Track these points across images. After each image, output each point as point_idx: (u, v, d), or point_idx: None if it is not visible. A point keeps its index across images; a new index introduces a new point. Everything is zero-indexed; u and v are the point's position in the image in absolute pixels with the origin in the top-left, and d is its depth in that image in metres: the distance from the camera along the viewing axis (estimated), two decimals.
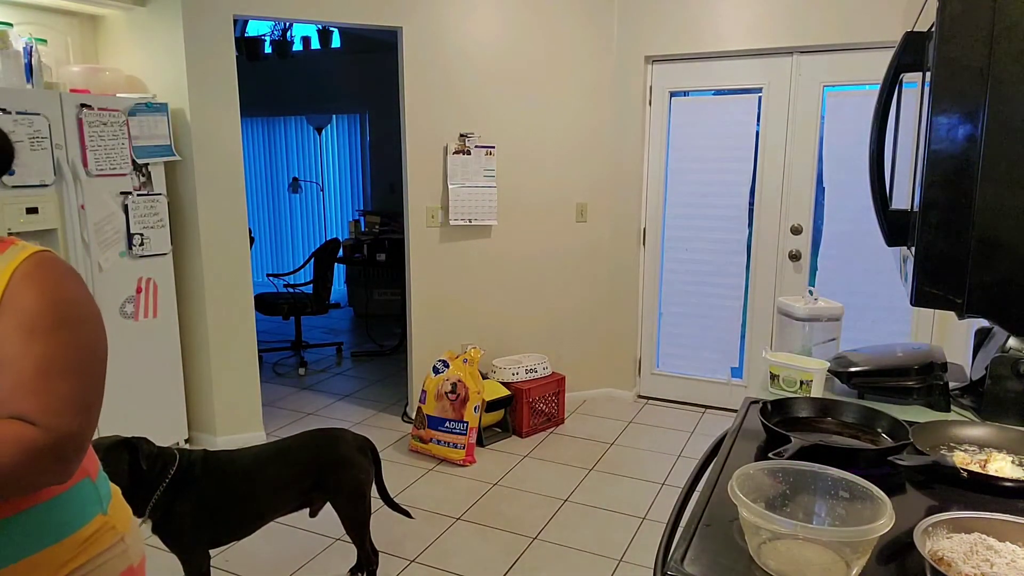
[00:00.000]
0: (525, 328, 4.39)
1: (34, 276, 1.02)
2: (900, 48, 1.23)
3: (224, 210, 3.64)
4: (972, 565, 0.91)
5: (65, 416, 0.98)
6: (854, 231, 3.89)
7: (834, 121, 3.91)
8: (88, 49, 3.70)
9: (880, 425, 1.45)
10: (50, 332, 1.00)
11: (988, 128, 0.98)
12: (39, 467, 0.96)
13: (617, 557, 2.81)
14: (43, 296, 1.01)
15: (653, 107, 4.33)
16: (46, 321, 1.00)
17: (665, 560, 1.04)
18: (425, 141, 3.98)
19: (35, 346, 0.98)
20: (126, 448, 2.00)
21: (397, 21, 3.81)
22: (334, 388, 4.88)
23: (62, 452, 0.98)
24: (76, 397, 1.00)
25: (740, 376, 4.38)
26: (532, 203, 4.27)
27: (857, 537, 0.93)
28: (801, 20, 3.81)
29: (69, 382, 1.00)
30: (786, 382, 1.79)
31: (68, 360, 1.01)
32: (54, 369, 0.99)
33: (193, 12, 3.43)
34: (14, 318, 0.99)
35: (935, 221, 1.02)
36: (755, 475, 1.10)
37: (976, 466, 1.27)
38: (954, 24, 0.98)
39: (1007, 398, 1.54)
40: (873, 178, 1.29)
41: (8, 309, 0.99)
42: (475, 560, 2.78)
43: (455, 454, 3.63)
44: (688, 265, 4.39)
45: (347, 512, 2.41)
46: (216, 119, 3.56)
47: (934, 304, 1.05)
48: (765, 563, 0.99)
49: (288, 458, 2.33)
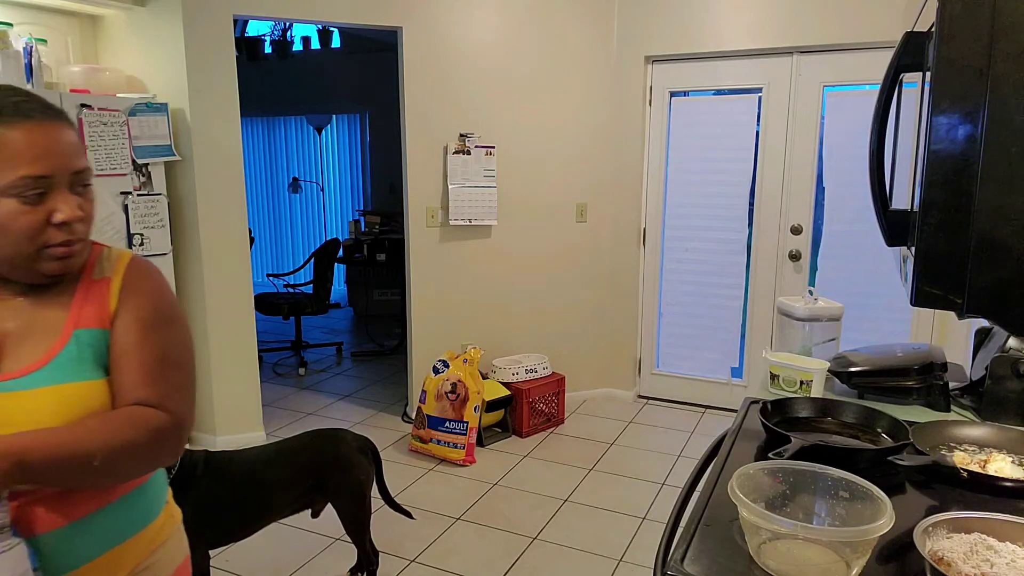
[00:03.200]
0: (525, 328, 4.39)
1: (144, 278, 1.12)
2: (900, 48, 1.23)
3: (224, 210, 3.64)
4: (972, 565, 0.91)
5: (181, 402, 1.08)
6: (854, 231, 3.89)
7: (834, 121, 3.91)
8: (88, 49, 3.70)
9: (880, 425, 1.45)
10: (163, 327, 1.10)
11: (988, 128, 0.98)
12: (165, 448, 1.05)
13: (617, 557, 2.81)
14: (154, 295, 1.11)
15: (653, 107, 4.33)
16: (160, 317, 1.10)
17: (665, 560, 1.04)
18: (425, 141, 3.98)
19: (153, 340, 1.08)
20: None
21: (397, 21, 3.81)
22: (334, 388, 4.88)
23: (181, 434, 1.08)
24: (187, 385, 1.11)
25: (740, 376, 4.38)
26: (532, 203, 4.27)
27: (857, 537, 0.93)
28: (801, 20, 3.81)
29: (181, 371, 1.10)
30: (786, 382, 1.79)
31: (179, 352, 1.11)
32: (169, 360, 1.09)
33: (193, 12, 3.43)
34: (132, 314, 1.08)
35: (935, 221, 1.02)
36: (755, 475, 1.10)
37: (976, 466, 1.27)
38: (954, 24, 0.98)
39: (1007, 398, 1.54)
40: (873, 178, 1.29)
41: (126, 306, 1.08)
42: (475, 560, 2.78)
43: (455, 454, 3.63)
44: (688, 265, 4.39)
45: (347, 512, 2.41)
46: (216, 119, 3.56)
47: (934, 304, 1.05)
48: (765, 563, 0.99)
49: (289, 459, 2.33)
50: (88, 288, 1.08)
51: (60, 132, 0.99)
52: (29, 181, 0.96)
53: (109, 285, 1.09)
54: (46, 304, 1.05)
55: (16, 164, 0.95)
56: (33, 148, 0.96)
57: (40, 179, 0.96)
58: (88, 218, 1.04)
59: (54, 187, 0.98)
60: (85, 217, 1.03)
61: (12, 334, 1.03)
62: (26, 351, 1.02)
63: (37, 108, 0.98)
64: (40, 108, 0.99)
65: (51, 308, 1.05)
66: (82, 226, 1.03)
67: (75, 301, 1.07)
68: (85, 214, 1.03)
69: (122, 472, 1.04)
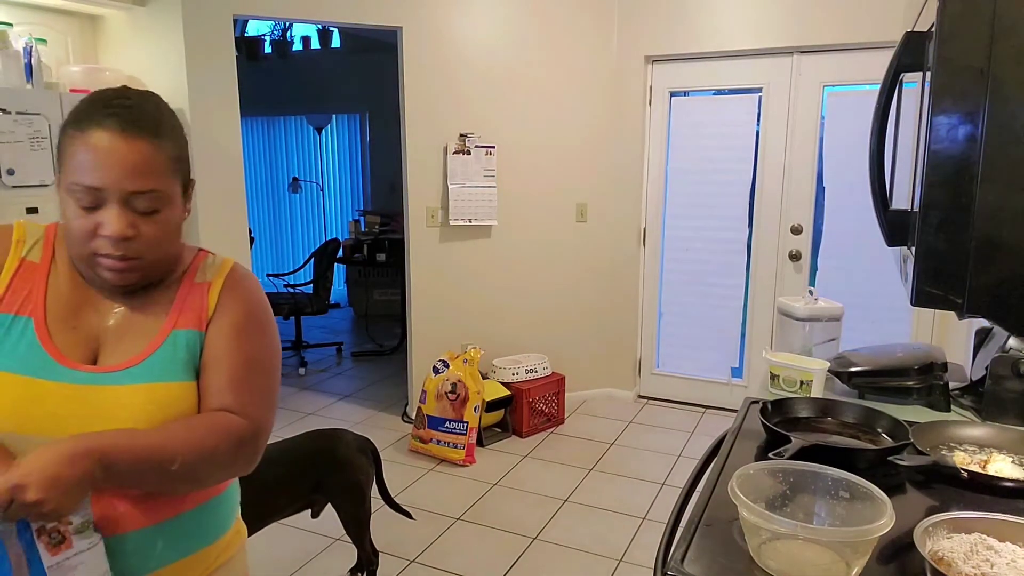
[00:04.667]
0: (525, 328, 4.39)
1: (243, 284, 1.14)
2: (900, 48, 1.23)
3: (224, 210, 3.64)
4: (972, 565, 0.91)
5: (263, 409, 1.09)
6: (854, 231, 3.88)
7: (834, 121, 3.91)
8: (88, 49, 3.70)
9: (880, 425, 1.45)
10: (255, 335, 1.11)
11: (988, 128, 0.97)
12: (243, 455, 1.05)
13: (617, 557, 2.81)
14: (250, 302, 1.13)
15: (653, 107, 4.33)
16: (252, 325, 1.11)
17: (665, 560, 1.04)
18: (425, 141, 3.98)
19: (244, 345, 1.09)
20: None
21: (397, 21, 3.81)
22: (334, 388, 4.88)
23: (259, 442, 1.08)
24: (271, 393, 1.11)
25: (740, 376, 4.38)
26: (532, 203, 4.27)
27: (857, 537, 0.93)
28: (801, 20, 3.81)
29: (267, 379, 1.11)
30: (786, 382, 1.79)
31: (267, 360, 1.12)
32: (257, 367, 1.10)
33: (193, 12, 3.43)
34: (227, 318, 1.09)
35: (935, 221, 1.02)
36: (755, 475, 1.10)
37: (976, 466, 1.27)
38: (954, 24, 0.98)
39: (1007, 398, 1.54)
40: (873, 178, 1.29)
41: (223, 311, 1.10)
42: (475, 560, 2.78)
43: (455, 454, 3.63)
44: (688, 265, 4.39)
45: (347, 512, 2.41)
46: (216, 119, 3.56)
47: (934, 304, 1.05)
48: (765, 563, 0.99)
49: (289, 459, 2.33)
50: (189, 291, 1.10)
51: (128, 147, 0.95)
52: (81, 188, 0.96)
53: (209, 289, 1.11)
54: (148, 304, 1.07)
55: (75, 169, 0.95)
56: (92, 158, 0.95)
57: (91, 189, 0.95)
58: (145, 239, 1.00)
59: (107, 199, 0.96)
60: (137, 237, 0.99)
61: (112, 331, 1.05)
62: (124, 348, 1.04)
63: (119, 118, 0.96)
64: (122, 119, 0.96)
65: (152, 309, 1.07)
66: (137, 245, 1.00)
67: (176, 303, 1.09)
68: (137, 234, 0.99)
69: (201, 477, 1.04)
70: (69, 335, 1.03)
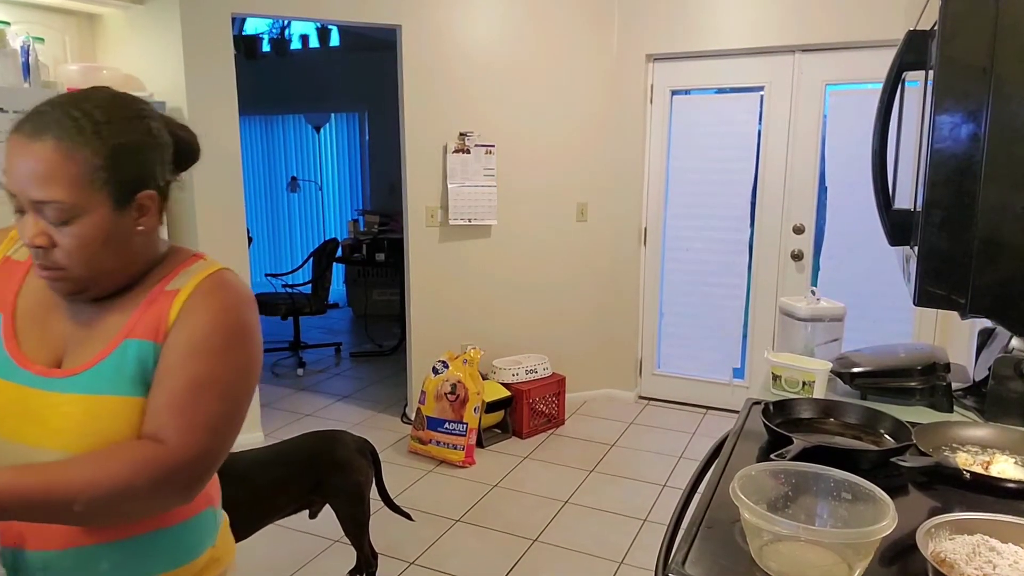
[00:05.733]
0: (525, 328, 4.38)
1: (215, 295, 1.03)
2: (903, 47, 1.23)
3: (222, 209, 3.63)
4: (975, 567, 0.91)
5: (201, 435, 0.97)
6: (856, 231, 3.88)
7: (836, 120, 3.91)
8: (86, 48, 3.69)
9: (882, 426, 1.44)
10: (214, 353, 0.99)
11: (991, 127, 0.97)
12: (168, 490, 0.95)
13: (618, 559, 2.80)
14: (217, 317, 1.01)
15: (654, 106, 4.32)
16: (211, 342, 0.99)
17: (666, 562, 1.04)
18: (424, 140, 3.97)
19: (194, 364, 0.98)
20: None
21: (396, 19, 3.80)
22: (333, 389, 4.87)
23: (192, 472, 0.97)
24: (218, 419, 0.99)
25: (742, 377, 4.37)
26: (532, 202, 4.26)
27: (859, 539, 0.93)
28: (803, 18, 3.81)
29: (216, 404, 0.99)
30: (788, 383, 1.78)
31: (224, 382, 1.00)
32: (207, 390, 0.98)
33: (191, 10, 3.42)
34: (184, 332, 0.99)
35: (938, 221, 1.02)
36: (757, 476, 1.09)
37: (979, 467, 1.27)
38: (957, 23, 0.97)
39: (1010, 399, 1.53)
40: (875, 177, 1.29)
41: (182, 323, 1.00)
42: (475, 562, 2.77)
43: (455, 455, 3.63)
44: (689, 265, 4.38)
45: (346, 514, 2.40)
46: (214, 118, 3.55)
47: (937, 304, 1.05)
48: (767, 565, 0.98)
49: (287, 460, 2.32)
50: (155, 298, 1.01)
51: (31, 154, 0.90)
52: (6, 191, 0.94)
53: (174, 298, 1.01)
54: (112, 309, 1.01)
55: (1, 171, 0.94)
56: (5, 162, 0.92)
57: (9, 193, 0.93)
58: (65, 251, 0.94)
59: (24, 206, 0.94)
60: (55, 247, 0.94)
61: (77, 334, 1.01)
62: (82, 353, 0.99)
63: (30, 123, 0.92)
64: (33, 124, 0.92)
65: (115, 314, 1.01)
66: (56, 256, 0.94)
67: (137, 310, 1.01)
68: (53, 244, 0.93)
69: (119, 514, 0.96)
70: (37, 335, 1.01)
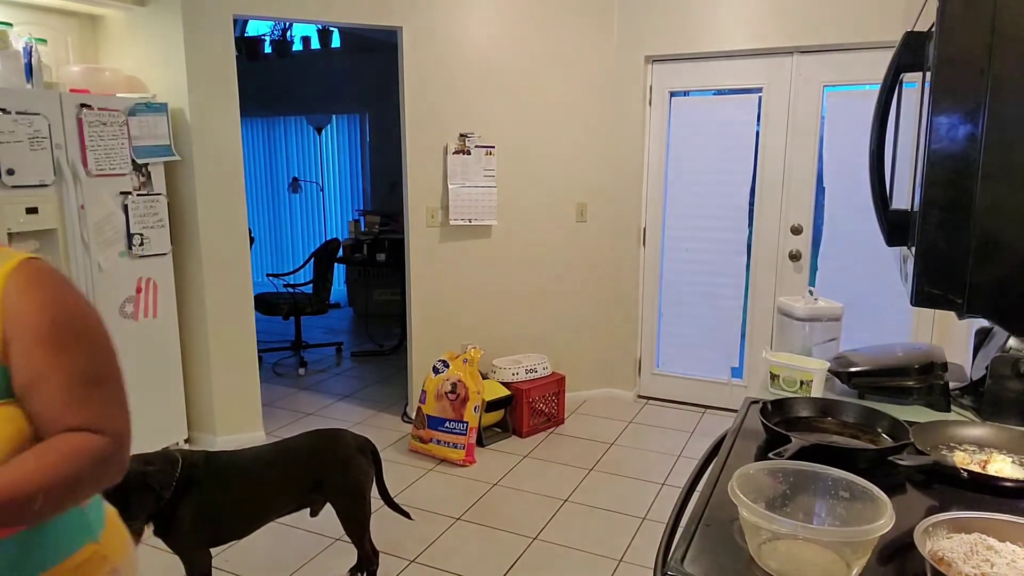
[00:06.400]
0: (525, 328, 4.39)
1: (41, 287, 0.98)
2: (900, 48, 1.23)
3: (224, 210, 3.64)
4: (972, 565, 0.91)
5: (117, 419, 1.01)
6: (854, 231, 3.88)
7: (834, 121, 3.91)
8: (88, 49, 3.70)
9: (880, 425, 1.45)
10: (73, 342, 0.99)
11: (988, 127, 0.97)
12: (108, 472, 0.99)
13: (617, 557, 2.81)
14: (55, 308, 0.98)
15: (653, 107, 4.33)
16: (65, 331, 0.98)
17: (665, 560, 1.04)
18: (425, 141, 3.98)
19: (64, 359, 0.97)
20: (143, 488, 1.98)
21: (397, 21, 3.81)
22: (334, 388, 4.88)
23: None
24: (118, 399, 1.02)
25: (740, 376, 4.38)
26: (532, 203, 4.27)
27: (857, 537, 0.93)
28: (801, 20, 3.81)
29: (108, 386, 1.01)
30: (786, 382, 1.79)
31: (99, 365, 1.01)
32: (91, 377, 0.99)
33: (193, 12, 3.43)
34: (28, 336, 0.95)
35: (935, 221, 1.02)
36: (755, 475, 1.10)
37: (976, 466, 1.27)
38: (954, 23, 0.98)
39: (1007, 398, 1.54)
40: (873, 178, 1.29)
41: (15, 329, 0.95)
42: (475, 560, 2.78)
43: (455, 454, 3.63)
44: (688, 265, 4.39)
45: (347, 512, 2.41)
46: (216, 119, 3.56)
47: (934, 304, 1.05)
48: (765, 563, 0.99)
49: (288, 459, 2.33)
50: None
51: None
52: None
53: None
54: None
55: None
56: None
57: None
58: None
59: None
60: None
61: None
62: None
63: None
64: None
65: None
66: None
67: None
68: None
69: (66, 506, 0.99)
70: None
